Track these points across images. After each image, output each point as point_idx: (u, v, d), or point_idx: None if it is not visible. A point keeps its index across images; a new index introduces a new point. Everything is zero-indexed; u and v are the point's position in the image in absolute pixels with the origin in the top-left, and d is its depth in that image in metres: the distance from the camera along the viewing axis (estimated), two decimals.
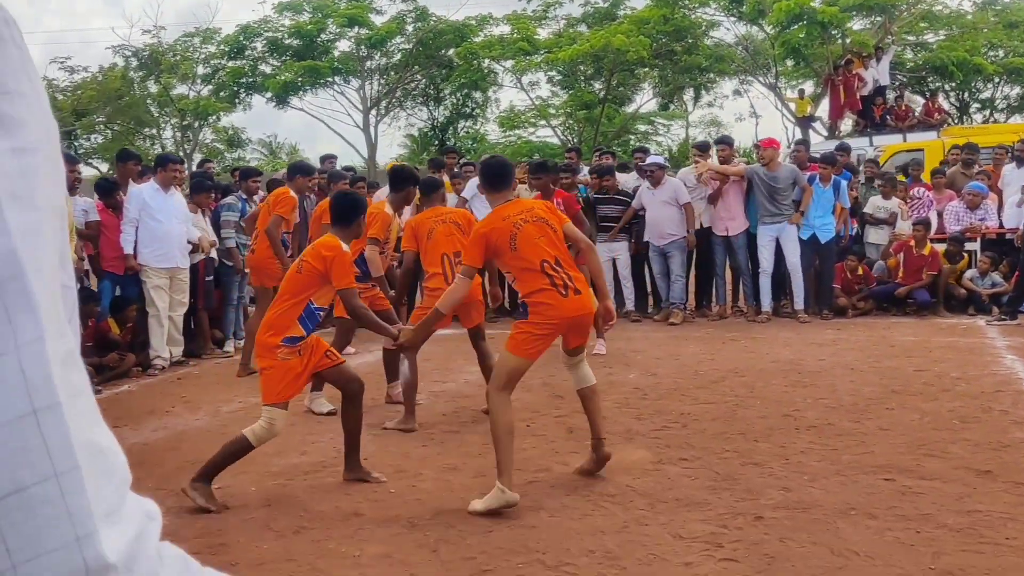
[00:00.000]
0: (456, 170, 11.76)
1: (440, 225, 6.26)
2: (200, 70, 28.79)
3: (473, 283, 5.37)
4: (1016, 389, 6.54)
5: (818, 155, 11.78)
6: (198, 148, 30.22)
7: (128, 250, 8.26)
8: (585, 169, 11.60)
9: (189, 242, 8.72)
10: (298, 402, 6.47)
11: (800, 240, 10.05)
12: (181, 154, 29.75)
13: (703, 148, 11.00)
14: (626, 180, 11.32)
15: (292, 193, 7.79)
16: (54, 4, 56.48)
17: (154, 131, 30.79)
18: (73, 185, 8.23)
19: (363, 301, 6.33)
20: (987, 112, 30.15)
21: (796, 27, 21.46)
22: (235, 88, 28.15)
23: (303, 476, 5.04)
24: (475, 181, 11.12)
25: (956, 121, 26.99)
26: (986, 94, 29.37)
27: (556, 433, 5.76)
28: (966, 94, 28.90)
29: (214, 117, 28.63)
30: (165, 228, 8.35)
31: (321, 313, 4.74)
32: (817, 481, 4.65)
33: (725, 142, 10.75)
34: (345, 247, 4.75)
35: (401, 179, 6.62)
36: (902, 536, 3.86)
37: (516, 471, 4.91)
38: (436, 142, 34.63)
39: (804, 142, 11.77)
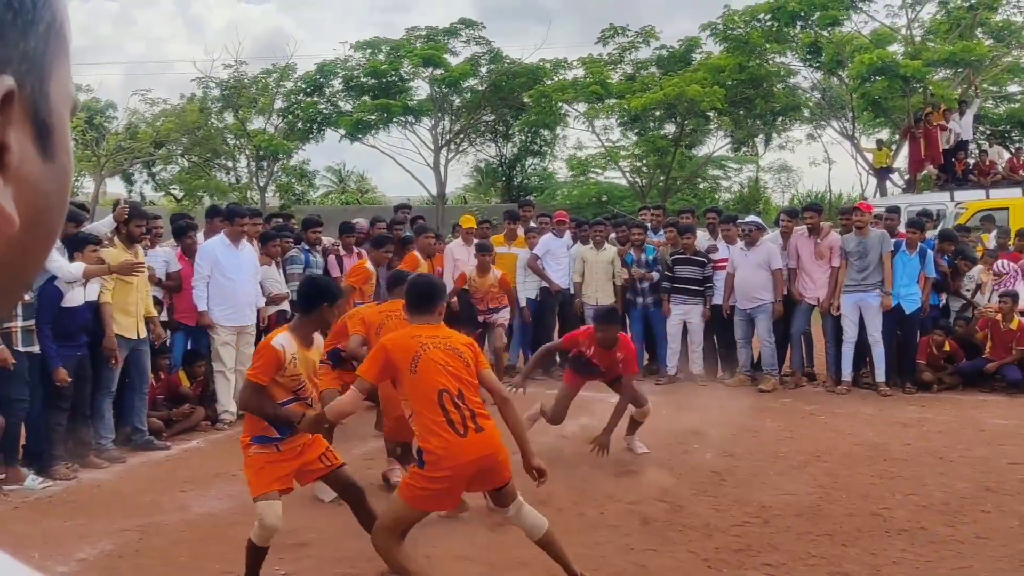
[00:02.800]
0: (532, 224, 11.62)
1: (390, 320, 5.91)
2: (277, 104, 29.33)
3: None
4: None
5: (895, 207, 11.41)
6: (272, 180, 30.69)
7: (202, 307, 8.27)
8: (662, 231, 11.35)
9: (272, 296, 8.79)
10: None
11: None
12: (255, 186, 30.35)
13: (792, 215, 10.72)
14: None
15: (369, 266, 7.60)
16: (136, 29, 58.43)
17: (229, 162, 31.38)
18: (154, 239, 8.31)
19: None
20: None
21: (877, 81, 21.00)
22: (309, 124, 28.60)
23: (369, 562, 4.88)
24: (548, 237, 11.03)
25: None
26: None
27: (631, 525, 5.52)
28: None
29: (284, 157, 29.07)
30: (235, 286, 8.35)
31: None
32: None
33: (814, 209, 10.43)
34: (278, 341, 4.34)
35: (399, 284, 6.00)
36: None
37: (591, 569, 4.71)
38: (503, 178, 34.74)
39: (896, 209, 11.36)
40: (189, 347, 8.52)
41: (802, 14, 22.67)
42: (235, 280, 8.30)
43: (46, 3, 0.59)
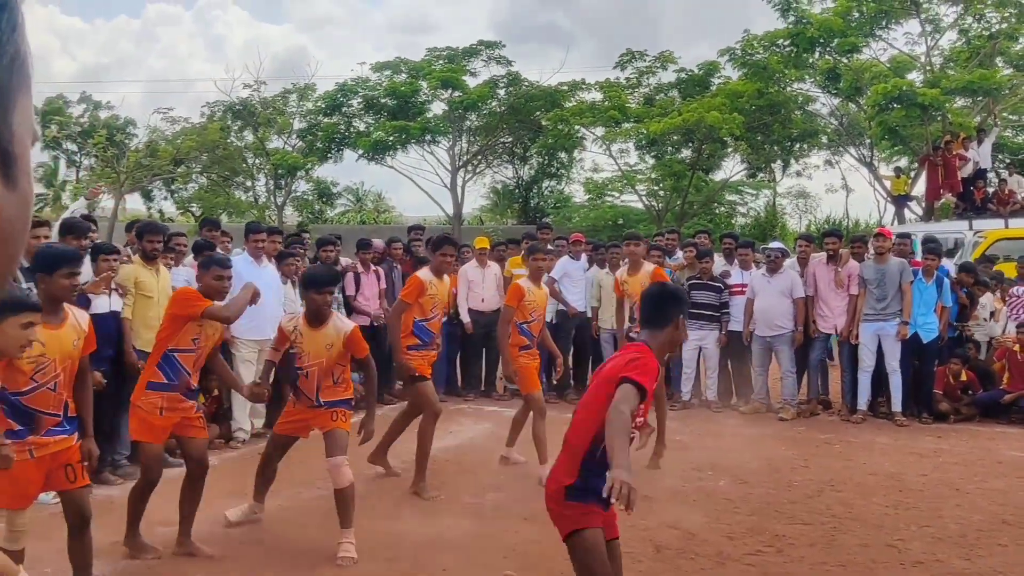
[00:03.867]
0: (550, 246, 11.63)
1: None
2: (296, 124, 29.55)
3: None
4: None
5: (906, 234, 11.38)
6: (289, 199, 30.87)
7: None
8: (679, 253, 11.35)
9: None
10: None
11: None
12: (274, 204, 30.54)
13: (809, 240, 10.74)
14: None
15: (421, 276, 7.38)
16: (158, 47, 59.10)
17: (248, 181, 31.59)
18: (178, 257, 8.37)
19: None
20: None
21: (895, 108, 20.96)
22: (328, 143, 28.78)
23: None
24: (565, 260, 11.05)
25: None
26: None
27: (644, 551, 5.49)
28: None
29: (303, 172, 29.23)
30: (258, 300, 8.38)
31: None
32: None
33: (835, 235, 10.40)
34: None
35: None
36: None
37: None
38: (520, 200, 34.81)
39: (907, 235, 11.32)
40: None
41: (821, 40, 22.67)
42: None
43: (11, 38, 0.61)
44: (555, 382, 10.74)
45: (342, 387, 5.68)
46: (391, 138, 27.48)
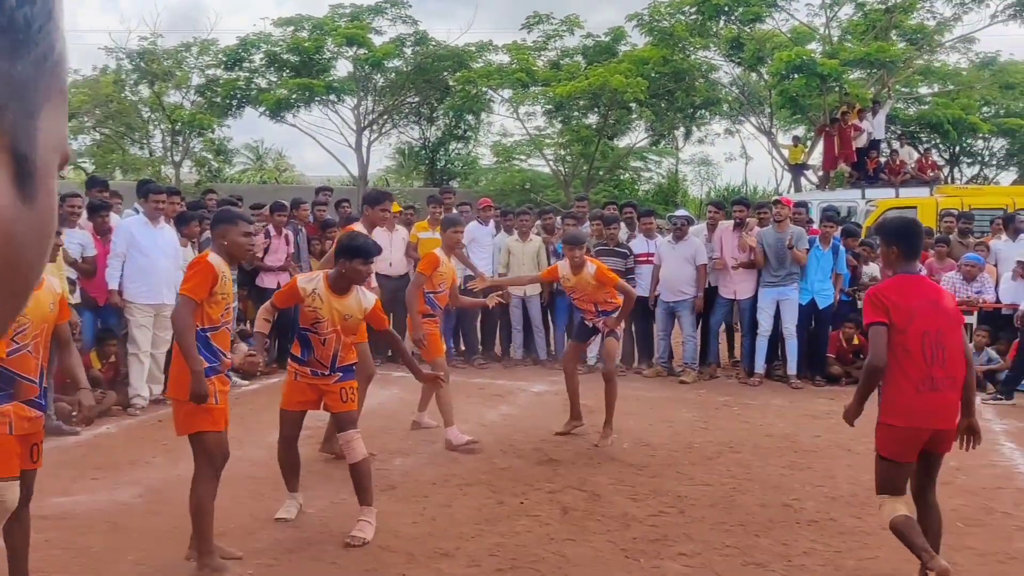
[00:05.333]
0: (454, 211, 11.58)
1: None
2: (195, 79, 28.56)
3: None
4: (1016, 486, 6.44)
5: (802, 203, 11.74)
6: (188, 156, 29.92)
7: (113, 286, 8.04)
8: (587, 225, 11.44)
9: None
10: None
11: (799, 305, 9.96)
12: (170, 161, 29.54)
13: (719, 207, 10.95)
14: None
15: (437, 253, 7.31)
16: None
17: (143, 138, 30.48)
18: (71, 216, 8.01)
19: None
20: (977, 167, 30.40)
21: (796, 78, 21.47)
22: (228, 100, 27.92)
23: (288, 555, 4.82)
24: (473, 225, 11.02)
25: (947, 175, 27.21)
26: (976, 148, 29.60)
27: (551, 514, 5.57)
28: (957, 147, 29.12)
29: (208, 131, 28.34)
30: (152, 263, 8.13)
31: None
32: None
33: (742, 203, 10.65)
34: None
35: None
36: None
37: (511, 559, 4.75)
38: (427, 162, 34.50)
39: (804, 204, 11.64)
40: (98, 327, 8.26)
41: (726, 8, 23.01)
42: (152, 258, 8.09)
43: (44, 30, 0.54)
44: (463, 348, 10.80)
45: (351, 352, 5.38)
46: (294, 96, 26.82)
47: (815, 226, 10.85)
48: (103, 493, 5.81)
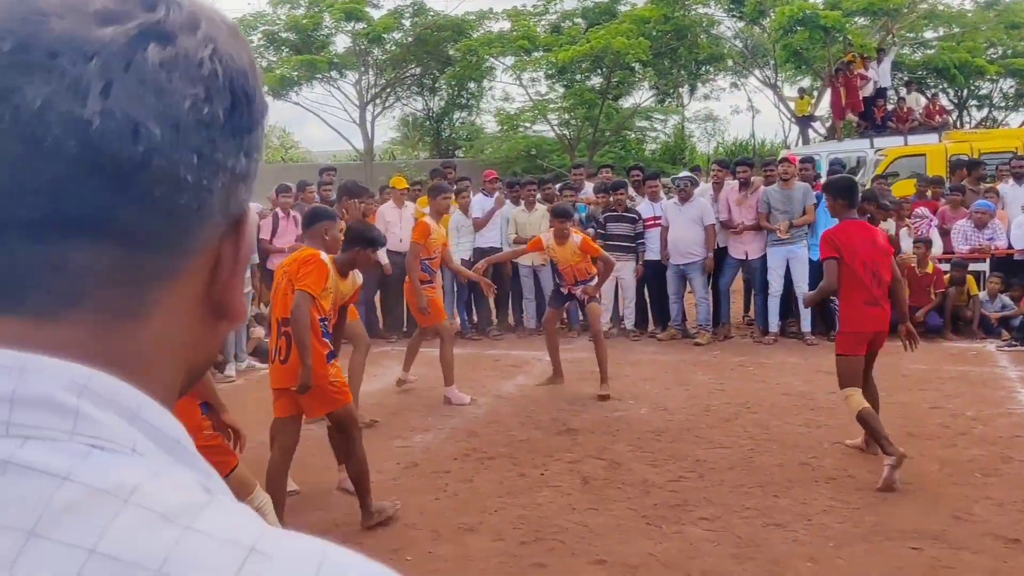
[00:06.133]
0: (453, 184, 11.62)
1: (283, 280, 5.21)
2: None
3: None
4: None
5: (809, 158, 11.69)
6: None
7: None
8: (589, 186, 11.45)
9: None
10: None
11: (809, 261, 9.95)
12: None
13: (724, 165, 10.92)
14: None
15: (427, 220, 7.77)
16: None
17: None
18: None
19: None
20: (986, 110, 30.11)
21: (799, 31, 21.30)
22: None
23: None
24: (479, 197, 11.06)
25: (955, 119, 26.98)
26: (984, 90, 29.34)
27: (572, 484, 5.64)
28: (964, 91, 28.86)
29: None
30: None
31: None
32: (843, 549, 4.55)
33: (746, 163, 10.62)
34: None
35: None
36: None
37: (534, 531, 4.84)
38: (432, 133, 34.40)
39: (810, 159, 11.60)
40: None
41: None
42: None
43: (247, 146, 0.59)
44: (475, 319, 10.87)
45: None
46: (296, 73, 26.78)
47: (822, 180, 10.80)
48: None
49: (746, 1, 23.16)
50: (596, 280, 7.99)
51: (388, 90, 29.62)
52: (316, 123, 66.31)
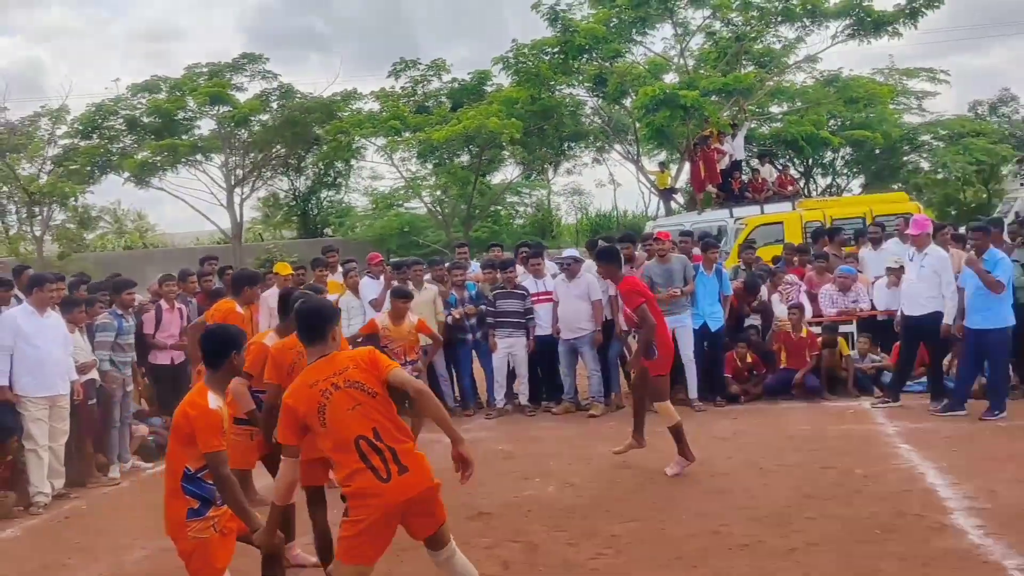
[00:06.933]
0: (340, 268, 11.56)
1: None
2: (50, 151, 27.48)
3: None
4: (922, 487, 6.81)
5: (688, 232, 12.20)
6: (48, 230, 28.64)
7: (3, 382, 7.65)
8: (475, 264, 11.59)
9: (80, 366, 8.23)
10: None
11: (694, 331, 10.30)
12: (30, 236, 28.21)
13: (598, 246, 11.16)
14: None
15: (239, 308, 7.08)
16: None
17: None
18: None
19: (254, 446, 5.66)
20: (830, 178, 32.17)
21: (660, 111, 22.33)
22: (89, 168, 26.97)
23: None
24: (366, 280, 11.01)
25: (803, 187, 28.67)
26: (827, 159, 31.36)
27: (492, 570, 5.58)
28: (810, 160, 30.78)
29: (72, 200, 27.21)
30: (44, 354, 7.76)
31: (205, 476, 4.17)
32: None
33: (628, 240, 10.96)
34: (215, 402, 4.15)
35: (290, 307, 5.20)
36: None
37: None
38: (299, 212, 34.08)
39: (689, 233, 12.10)
40: None
41: (587, 47, 23.74)
42: (42, 348, 7.72)
43: None
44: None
45: None
46: (159, 158, 26.15)
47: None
48: None
49: (608, 82, 24.15)
50: (426, 356, 9.07)
51: (255, 171, 29.28)
52: (173, 205, 64.83)
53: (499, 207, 30.24)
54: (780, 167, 24.85)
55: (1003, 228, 11.06)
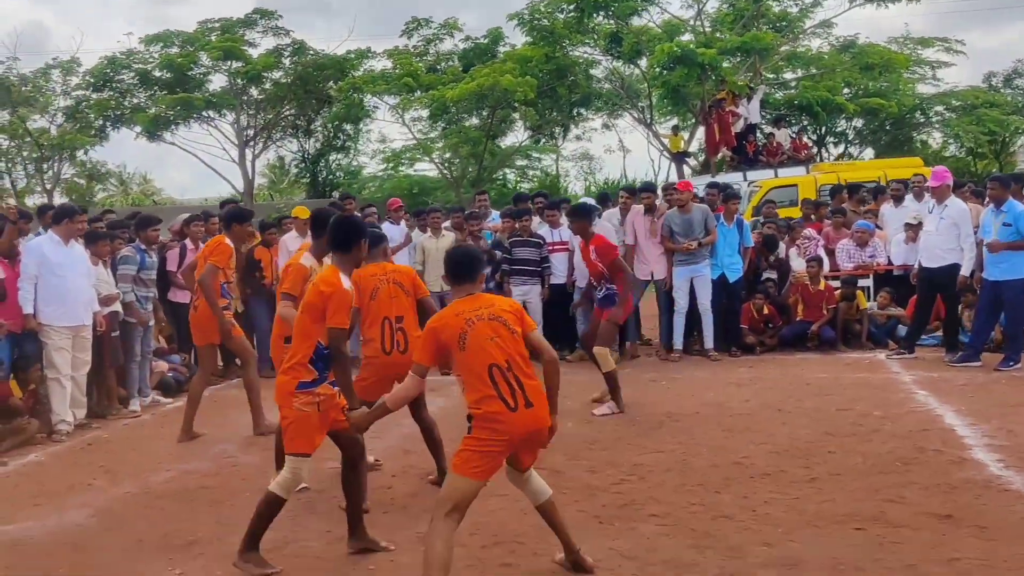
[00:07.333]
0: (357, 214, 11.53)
1: (384, 285, 5.83)
2: (61, 102, 27.41)
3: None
4: (939, 427, 6.85)
5: (715, 183, 12.21)
6: (59, 184, 28.69)
7: (28, 309, 7.69)
8: (495, 213, 11.58)
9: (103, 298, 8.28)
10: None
11: (712, 281, 10.32)
12: (41, 188, 28.25)
13: (631, 192, 11.16)
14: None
15: (228, 242, 7.42)
16: None
17: (5, 164, 28.99)
18: None
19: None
20: (842, 146, 31.98)
21: (677, 69, 22.19)
22: (102, 121, 26.90)
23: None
24: (386, 225, 11.00)
25: (816, 155, 28.56)
26: (840, 128, 31.19)
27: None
28: (823, 128, 30.61)
29: (81, 151, 27.18)
30: (68, 284, 7.81)
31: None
32: (793, 534, 4.72)
33: (649, 190, 10.95)
34: (346, 282, 4.49)
35: (324, 225, 5.38)
36: None
37: (492, 535, 4.83)
38: (307, 175, 34.00)
39: (715, 184, 12.09)
40: (16, 354, 7.89)
41: (603, 4, 23.58)
42: (67, 278, 7.77)
43: None
44: None
45: None
46: (172, 113, 26.07)
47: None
48: (51, 518, 5.58)
49: (624, 41, 23.98)
50: None
51: (265, 130, 29.19)
52: (178, 170, 64.56)
53: (508, 169, 30.11)
54: (795, 132, 24.74)
55: (1023, 184, 11.01)
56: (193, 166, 69.57)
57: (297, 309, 5.52)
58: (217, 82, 27.82)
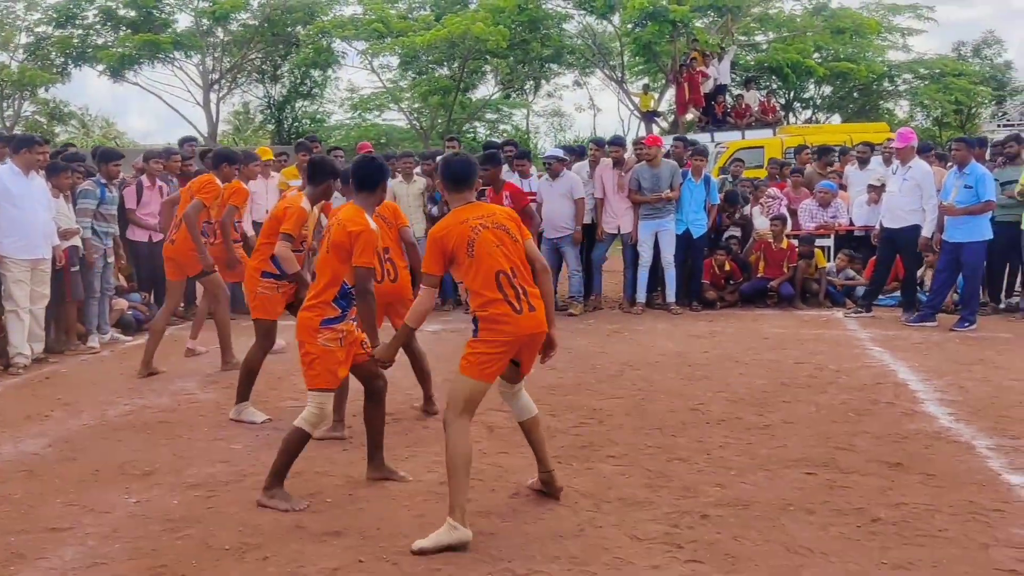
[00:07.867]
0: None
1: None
2: (23, 39, 26.69)
3: (402, 281, 5.93)
4: (893, 381, 6.99)
5: (682, 138, 12.26)
6: (18, 122, 28.04)
7: None
8: None
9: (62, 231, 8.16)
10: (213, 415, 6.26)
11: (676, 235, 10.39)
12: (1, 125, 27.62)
13: (600, 144, 11.11)
14: None
15: (218, 181, 7.43)
16: None
17: None
18: None
19: (280, 298, 6.13)
20: (809, 111, 32.12)
21: (648, 25, 22.09)
22: (63, 59, 26.27)
23: (225, 487, 4.78)
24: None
25: (783, 118, 28.66)
26: (808, 92, 31.29)
27: (479, 433, 5.68)
28: (792, 93, 30.68)
29: (42, 89, 26.55)
30: (27, 215, 7.68)
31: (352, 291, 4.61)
32: (745, 476, 4.82)
33: (618, 143, 10.96)
34: (371, 223, 4.57)
35: (323, 172, 5.70)
36: (845, 531, 4.06)
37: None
38: (273, 121, 33.54)
39: (682, 138, 12.12)
40: None
41: None
42: (27, 210, 7.63)
43: None
44: None
45: None
46: (137, 52, 25.50)
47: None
48: (7, 446, 5.55)
49: None
50: None
51: (231, 73, 28.68)
52: (140, 114, 63.28)
53: (479, 122, 29.91)
54: (764, 95, 24.76)
55: (987, 148, 11.17)
56: (156, 111, 68.30)
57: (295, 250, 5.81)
58: (183, 22, 27.25)
